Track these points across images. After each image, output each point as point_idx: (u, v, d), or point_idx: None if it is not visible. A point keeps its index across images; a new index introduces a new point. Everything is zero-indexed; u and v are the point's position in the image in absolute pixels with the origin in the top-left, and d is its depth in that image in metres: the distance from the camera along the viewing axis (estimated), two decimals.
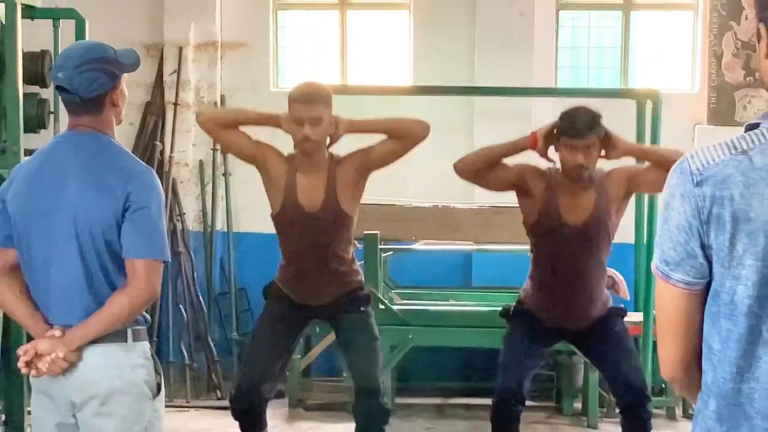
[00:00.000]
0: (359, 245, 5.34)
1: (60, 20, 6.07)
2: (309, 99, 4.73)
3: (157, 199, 3.33)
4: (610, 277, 6.63)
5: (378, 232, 6.70)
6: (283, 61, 8.33)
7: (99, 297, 3.28)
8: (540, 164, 4.94)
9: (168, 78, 7.96)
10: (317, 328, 6.88)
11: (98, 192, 3.26)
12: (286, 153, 4.92)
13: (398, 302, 7.05)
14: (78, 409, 3.32)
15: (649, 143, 6.87)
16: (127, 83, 3.44)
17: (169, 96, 7.95)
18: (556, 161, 4.83)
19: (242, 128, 4.89)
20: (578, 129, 4.64)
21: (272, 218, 4.96)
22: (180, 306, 7.68)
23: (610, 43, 8.18)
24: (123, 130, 6.41)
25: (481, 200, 7.34)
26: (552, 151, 4.82)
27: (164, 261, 3.33)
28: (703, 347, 2.06)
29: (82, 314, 3.28)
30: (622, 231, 7.24)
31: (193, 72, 7.91)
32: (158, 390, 3.40)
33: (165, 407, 3.52)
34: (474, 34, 7.78)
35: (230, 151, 5.07)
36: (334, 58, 8.22)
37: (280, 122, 4.84)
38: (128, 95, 3.48)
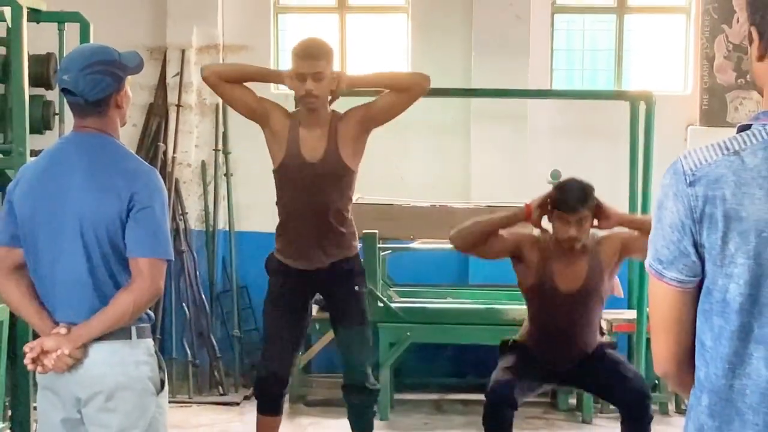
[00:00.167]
0: (359, 244, 5.33)
1: (65, 23, 6.07)
2: (311, 55, 4.75)
3: (161, 199, 3.33)
4: None
5: (376, 231, 6.70)
6: (284, 64, 8.31)
7: (104, 295, 3.28)
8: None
9: (171, 80, 7.96)
10: (317, 326, 6.88)
11: (103, 192, 3.26)
12: (289, 111, 4.94)
13: (396, 300, 7.05)
14: (83, 405, 3.33)
15: (643, 144, 6.89)
16: (131, 85, 3.45)
17: (172, 98, 7.94)
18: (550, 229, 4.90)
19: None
20: (571, 204, 4.71)
21: (274, 173, 4.93)
22: (183, 304, 7.68)
23: (605, 46, 8.18)
24: (127, 132, 6.41)
25: (478, 200, 7.35)
26: (545, 220, 4.90)
27: (168, 260, 3.34)
28: (696, 344, 2.06)
29: (87, 312, 3.28)
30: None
31: (196, 74, 7.88)
32: (162, 386, 3.40)
33: (168, 403, 3.52)
34: (471, 37, 7.78)
35: (233, 106, 5.01)
36: (335, 62, 8.21)
37: (283, 78, 4.87)
38: (132, 97, 3.48)
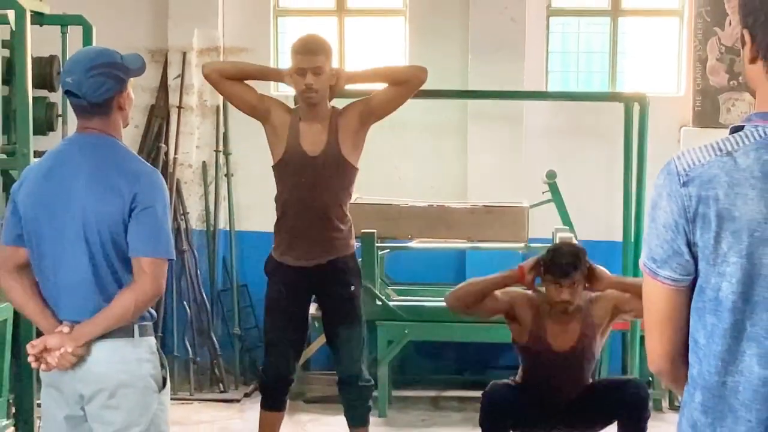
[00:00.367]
0: (357, 243, 5.34)
1: (68, 26, 6.07)
2: (310, 50, 4.78)
3: (162, 200, 3.34)
4: None
5: (375, 231, 6.70)
6: (284, 66, 8.30)
7: (106, 294, 3.29)
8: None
9: (172, 82, 7.95)
10: (316, 324, 6.87)
11: (106, 192, 3.26)
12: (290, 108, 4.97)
13: (395, 298, 7.05)
14: (86, 402, 3.33)
15: (637, 145, 6.88)
16: (133, 87, 3.45)
17: (174, 99, 7.93)
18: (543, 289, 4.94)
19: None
20: (563, 269, 4.75)
21: (274, 168, 4.93)
22: (184, 302, 7.68)
23: (599, 48, 8.17)
24: (129, 133, 6.40)
25: (474, 200, 7.35)
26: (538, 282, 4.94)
27: (169, 259, 3.34)
28: (690, 341, 2.06)
29: (90, 311, 3.28)
30: (611, 229, 7.32)
31: (197, 76, 7.88)
32: (164, 383, 3.40)
33: (170, 400, 3.52)
34: (467, 40, 7.78)
35: (234, 102, 5.03)
36: (333, 63, 8.21)
37: (282, 76, 4.88)
38: (134, 99, 3.48)
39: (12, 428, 4.84)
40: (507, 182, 7.56)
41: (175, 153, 7.87)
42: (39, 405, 3.76)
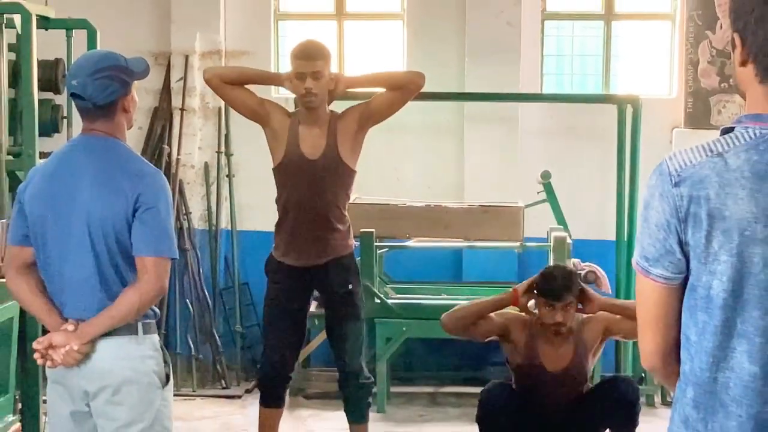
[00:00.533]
0: (356, 242, 5.34)
1: (73, 30, 6.06)
2: (309, 55, 4.78)
3: (165, 200, 3.34)
4: (593, 272, 6.64)
5: (374, 230, 6.70)
6: (284, 69, 8.29)
7: (111, 292, 3.29)
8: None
9: (175, 84, 7.95)
10: (316, 321, 6.88)
11: (110, 193, 3.26)
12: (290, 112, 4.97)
13: (393, 296, 7.05)
14: (91, 398, 3.33)
15: (630, 146, 6.89)
16: (137, 90, 3.45)
17: (176, 102, 7.93)
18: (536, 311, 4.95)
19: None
20: (556, 292, 4.77)
21: (274, 170, 4.94)
22: (187, 300, 7.67)
23: (593, 51, 8.17)
24: (132, 134, 6.40)
25: (471, 200, 7.36)
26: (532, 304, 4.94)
27: (172, 258, 3.34)
28: (681, 338, 2.06)
29: (95, 309, 3.28)
30: (604, 228, 7.32)
31: (199, 79, 7.87)
32: (167, 380, 3.41)
33: (173, 396, 3.52)
34: (464, 43, 7.77)
35: (234, 107, 5.05)
36: (333, 66, 8.20)
37: (282, 80, 4.88)
38: (138, 101, 3.48)
39: (18, 424, 4.83)
40: (503, 182, 7.56)
41: (178, 154, 7.87)
42: (45, 401, 3.76)
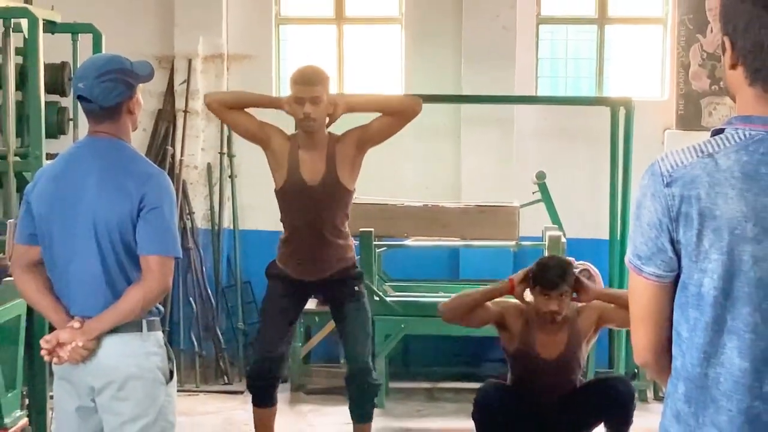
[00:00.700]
0: (356, 241, 5.34)
1: (78, 34, 6.07)
2: (309, 80, 4.77)
3: (169, 200, 3.34)
4: (586, 270, 6.64)
5: (373, 229, 6.70)
6: (285, 72, 8.30)
7: (116, 290, 3.29)
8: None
9: (178, 87, 7.95)
10: (316, 318, 6.89)
11: (115, 193, 3.26)
12: (289, 134, 4.94)
13: (391, 294, 7.05)
14: (97, 394, 3.33)
15: (623, 147, 6.89)
16: (141, 92, 3.44)
17: (180, 104, 7.93)
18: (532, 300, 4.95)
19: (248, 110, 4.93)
20: (551, 281, 4.78)
21: (276, 193, 4.95)
22: (190, 298, 7.68)
23: (587, 55, 8.17)
24: (137, 136, 6.42)
25: (468, 200, 7.36)
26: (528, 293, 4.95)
27: (176, 257, 3.34)
28: (673, 335, 2.06)
29: (101, 306, 3.28)
30: (598, 227, 7.32)
31: (202, 82, 7.89)
32: (171, 376, 3.41)
33: (177, 391, 3.52)
34: (461, 47, 7.78)
35: (236, 130, 5.07)
36: (332, 69, 8.21)
37: (282, 104, 4.86)
38: (143, 103, 3.48)
39: (26, 419, 4.83)
40: (498, 183, 7.57)
41: (181, 155, 7.87)
42: (51, 397, 3.76)
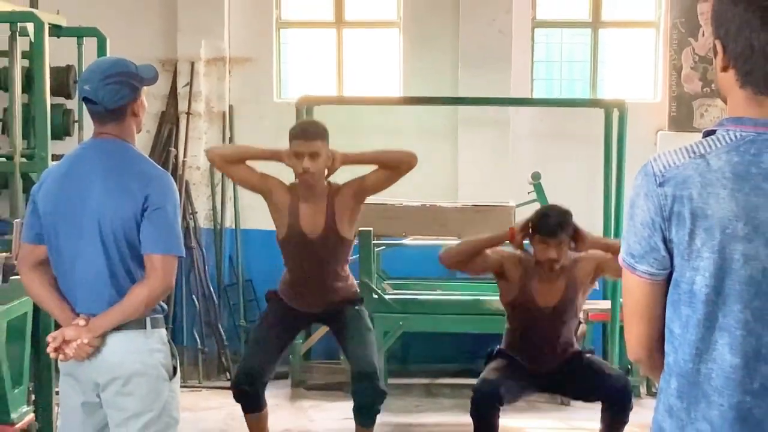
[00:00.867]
0: (355, 241, 5.35)
1: (84, 38, 6.08)
2: (308, 135, 4.74)
3: (173, 200, 3.34)
4: None
5: (372, 229, 6.70)
6: (285, 75, 8.32)
7: (120, 288, 3.29)
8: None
9: (181, 90, 7.95)
10: None
11: (120, 194, 3.26)
12: (289, 183, 4.93)
13: (390, 292, 7.05)
14: (102, 390, 3.33)
15: (616, 148, 6.90)
16: (145, 95, 3.44)
17: (182, 106, 7.94)
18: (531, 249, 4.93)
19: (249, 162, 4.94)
20: (551, 229, 4.75)
21: (278, 241, 4.98)
22: (193, 296, 7.68)
23: (581, 58, 8.18)
24: (141, 138, 6.37)
25: (464, 200, 7.36)
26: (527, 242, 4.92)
27: (179, 256, 3.34)
28: (666, 331, 2.06)
29: (106, 304, 3.28)
30: (592, 227, 7.28)
31: (204, 84, 7.90)
32: (174, 372, 3.41)
33: (180, 387, 3.52)
34: (457, 50, 7.78)
35: (238, 183, 5.15)
36: (332, 72, 8.21)
37: (282, 157, 4.83)
38: (147, 106, 3.48)
39: (32, 414, 4.83)
40: (495, 183, 7.57)
41: (184, 156, 7.88)
42: (57, 393, 3.76)
